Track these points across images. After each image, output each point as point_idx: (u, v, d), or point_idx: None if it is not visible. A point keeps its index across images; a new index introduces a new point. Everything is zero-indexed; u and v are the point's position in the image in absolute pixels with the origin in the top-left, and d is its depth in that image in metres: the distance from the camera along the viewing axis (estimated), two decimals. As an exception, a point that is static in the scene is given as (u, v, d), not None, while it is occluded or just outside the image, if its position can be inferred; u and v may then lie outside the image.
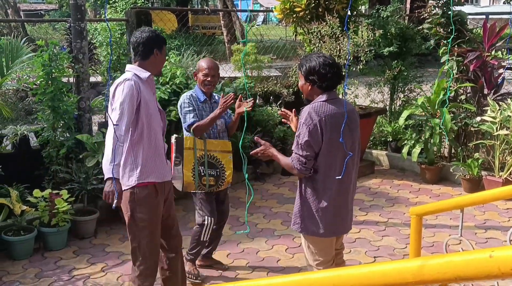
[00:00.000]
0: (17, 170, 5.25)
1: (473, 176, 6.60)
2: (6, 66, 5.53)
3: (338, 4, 7.18)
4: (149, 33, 3.42)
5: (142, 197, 3.39)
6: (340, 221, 3.39)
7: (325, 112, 3.20)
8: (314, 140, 3.18)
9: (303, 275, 1.56)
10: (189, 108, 4.25)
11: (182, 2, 24.40)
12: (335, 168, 3.26)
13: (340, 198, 3.32)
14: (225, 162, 4.30)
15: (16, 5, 23.61)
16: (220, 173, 4.29)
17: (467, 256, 1.17)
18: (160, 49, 3.45)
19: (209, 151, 4.24)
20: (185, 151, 4.15)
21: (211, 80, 4.30)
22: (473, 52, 6.74)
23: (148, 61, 3.42)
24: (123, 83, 3.29)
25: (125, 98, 3.25)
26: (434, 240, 5.26)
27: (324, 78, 3.24)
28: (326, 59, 3.28)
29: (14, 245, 4.73)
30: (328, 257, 3.44)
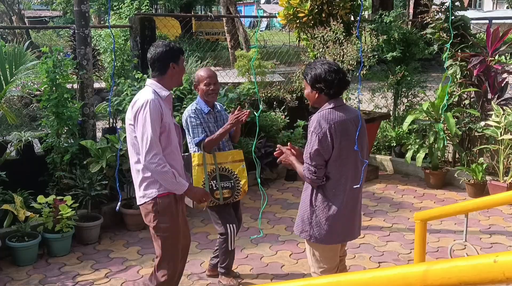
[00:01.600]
0: (21, 176, 5.26)
1: (477, 181, 6.58)
2: (11, 72, 5.55)
3: (341, 9, 7.19)
4: (163, 48, 3.39)
5: (164, 207, 3.42)
6: (348, 228, 3.38)
7: (334, 119, 3.19)
8: (324, 148, 3.17)
9: (307, 281, 1.56)
10: (197, 122, 4.17)
11: (186, 8, 24.48)
12: (346, 175, 3.25)
13: (349, 205, 3.32)
14: (238, 172, 4.26)
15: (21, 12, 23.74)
16: (234, 183, 4.24)
17: (472, 261, 1.17)
18: (177, 61, 3.43)
19: (220, 164, 4.19)
20: (194, 169, 4.14)
21: (214, 88, 4.23)
22: (476, 57, 6.73)
23: (165, 76, 3.42)
24: (148, 105, 3.27)
25: (152, 121, 3.26)
26: (439, 245, 5.24)
27: (331, 85, 3.23)
28: (331, 66, 3.28)
29: (18, 251, 4.74)
30: (333, 264, 3.44)
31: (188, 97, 6.04)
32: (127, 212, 5.44)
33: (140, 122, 3.28)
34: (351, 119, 3.26)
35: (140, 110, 3.29)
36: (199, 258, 4.95)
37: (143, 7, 8.11)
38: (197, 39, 20.99)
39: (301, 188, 7.00)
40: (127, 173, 5.28)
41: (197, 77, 4.25)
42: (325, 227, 3.28)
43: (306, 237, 3.38)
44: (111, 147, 5.36)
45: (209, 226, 5.70)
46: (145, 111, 3.27)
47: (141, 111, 3.28)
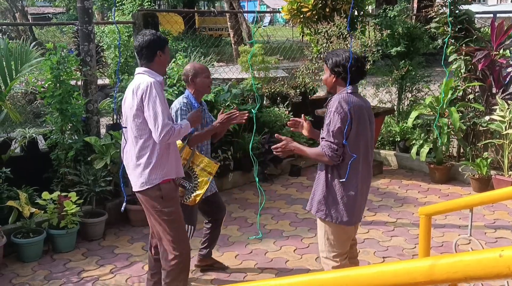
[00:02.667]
0: (26, 172, 5.28)
1: (482, 176, 6.56)
2: (15, 69, 5.56)
3: (345, 4, 7.17)
4: (150, 36, 3.50)
5: (168, 192, 3.53)
6: (361, 209, 3.55)
7: (353, 102, 3.36)
8: (345, 127, 3.33)
9: (312, 276, 1.56)
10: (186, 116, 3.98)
11: (189, 4, 24.45)
12: (360, 156, 3.40)
13: (363, 186, 3.48)
14: (201, 181, 4.04)
15: (24, 8, 23.77)
16: (191, 188, 4.03)
17: (477, 256, 1.16)
18: (163, 49, 3.54)
19: (192, 163, 4.04)
20: None
21: (211, 80, 4.25)
22: (481, 51, 6.71)
23: (153, 63, 3.52)
24: (153, 86, 3.37)
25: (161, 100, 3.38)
26: (444, 240, 5.23)
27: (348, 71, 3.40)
28: (354, 56, 3.45)
29: (24, 248, 4.75)
30: (344, 249, 3.56)
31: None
32: (132, 208, 5.44)
33: (150, 103, 3.36)
34: (366, 107, 3.47)
35: (146, 93, 3.37)
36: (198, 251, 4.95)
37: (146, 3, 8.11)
38: (200, 35, 20.96)
39: (305, 183, 7.02)
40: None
41: (194, 70, 4.14)
42: (342, 207, 3.41)
43: (322, 216, 3.48)
44: (115, 143, 5.37)
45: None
46: (152, 92, 3.36)
47: (147, 93, 3.37)
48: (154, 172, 3.47)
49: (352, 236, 3.62)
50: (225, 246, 5.12)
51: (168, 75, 6.13)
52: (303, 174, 7.36)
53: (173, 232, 3.57)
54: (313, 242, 5.13)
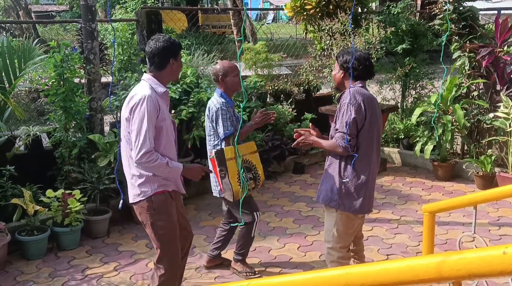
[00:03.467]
0: (30, 170, 5.29)
1: (486, 173, 6.55)
2: (19, 67, 5.57)
3: (348, 1, 7.15)
4: (163, 43, 3.32)
5: (160, 204, 3.38)
6: (371, 199, 3.67)
7: (365, 94, 3.54)
8: (360, 118, 3.48)
9: (316, 273, 1.56)
10: (227, 115, 4.15)
11: (192, 2, 24.44)
12: (372, 147, 3.56)
13: (373, 177, 3.64)
14: (256, 163, 4.33)
15: (28, 6, 23.80)
16: (255, 174, 4.31)
17: (481, 253, 1.16)
18: (176, 57, 3.38)
19: (244, 156, 4.22)
20: (228, 162, 4.10)
21: (239, 80, 4.24)
22: (485, 48, 6.68)
23: (164, 71, 3.37)
24: (145, 101, 3.21)
25: (148, 118, 3.20)
26: (447, 238, 5.22)
27: (356, 69, 3.55)
28: (361, 53, 3.64)
29: (28, 245, 4.77)
30: (349, 241, 3.74)
31: (195, 91, 6.03)
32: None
33: (136, 117, 3.22)
34: (376, 101, 3.67)
35: (137, 106, 3.22)
36: (207, 251, 4.96)
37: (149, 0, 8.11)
38: (203, 32, 20.95)
39: (309, 181, 7.02)
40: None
41: (223, 70, 4.19)
42: (354, 196, 3.55)
43: (335, 206, 3.60)
44: (119, 141, 5.36)
45: (217, 220, 5.72)
46: (142, 107, 3.20)
47: (138, 106, 3.22)
48: (147, 184, 3.34)
49: (358, 228, 3.77)
50: (229, 244, 5.11)
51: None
52: (306, 171, 7.35)
53: (163, 247, 3.45)
54: (316, 239, 5.13)
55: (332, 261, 3.70)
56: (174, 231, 3.48)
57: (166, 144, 3.36)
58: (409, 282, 1.28)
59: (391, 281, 1.32)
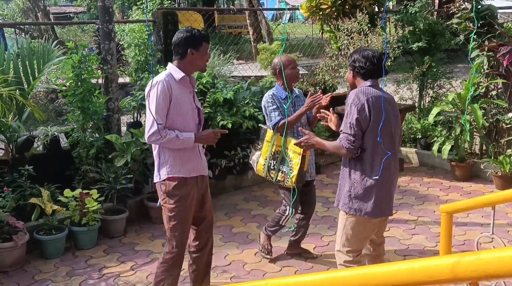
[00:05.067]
0: (48, 170, 5.34)
1: (505, 173, 6.47)
2: (38, 68, 5.63)
3: (365, 0, 7.12)
4: (183, 34, 3.53)
5: (172, 189, 3.59)
6: (386, 202, 3.52)
7: (371, 94, 3.42)
8: (363, 119, 3.37)
9: (331, 273, 1.56)
10: (273, 107, 4.43)
11: (208, 2, 24.51)
12: (381, 149, 3.40)
13: (387, 178, 3.47)
14: (294, 164, 4.36)
15: (46, 8, 24.06)
16: (287, 171, 4.39)
17: (498, 254, 1.15)
18: (196, 47, 3.53)
19: (286, 149, 4.38)
20: (265, 142, 4.47)
21: (298, 70, 4.61)
22: (505, 47, 6.60)
23: (185, 60, 3.55)
24: (156, 85, 3.45)
25: (158, 100, 3.43)
26: (465, 238, 5.17)
27: (363, 66, 3.49)
28: (370, 52, 3.55)
29: (46, 244, 4.82)
30: (360, 246, 3.60)
31: (211, 91, 6.05)
32: (152, 205, 5.48)
33: (149, 101, 3.47)
34: (388, 99, 3.51)
35: (151, 90, 3.47)
36: (223, 251, 4.97)
37: (166, 1, 8.15)
38: (219, 33, 21.00)
39: (325, 181, 7.00)
40: (152, 167, 5.31)
41: (282, 62, 4.41)
42: (364, 199, 3.44)
43: (346, 210, 3.52)
44: (136, 141, 5.41)
45: (233, 220, 5.73)
46: (152, 91, 3.45)
47: (151, 91, 3.46)
48: (162, 168, 3.58)
49: (372, 233, 3.62)
50: (244, 244, 5.13)
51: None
52: (323, 171, 7.33)
53: (172, 229, 3.65)
54: (332, 240, 5.11)
55: (339, 264, 3.65)
56: (183, 216, 3.65)
57: (183, 125, 3.55)
58: (424, 282, 1.27)
59: (405, 282, 1.31)
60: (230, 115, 6.02)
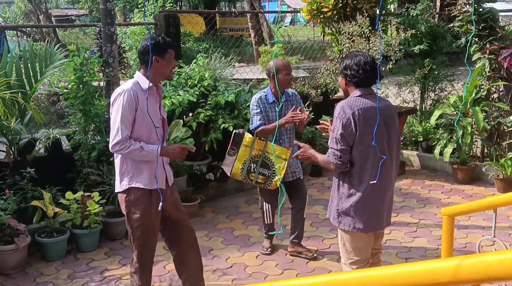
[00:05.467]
0: (50, 173, 5.35)
1: (506, 176, 6.46)
2: (40, 71, 5.64)
3: (366, 3, 7.12)
4: (146, 41, 3.48)
5: (135, 199, 3.54)
6: (378, 216, 3.39)
7: (358, 106, 3.26)
8: (348, 133, 3.25)
9: (334, 275, 1.56)
10: (257, 111, 4.58)
11: (210, 5, 24.55)
12: (371, 161, 3.27)
13: (376, 192, 3.33)
14: (278, 167, 4.49)
15: (48, 11, 24.10)
16: (270, 175, 4.54)
17: (500, 256, 1.15)
18: (161, 55, 3.47)
19: (266, 153, 4.50)
20: (242, 147, 4.53)
21: (292, 77, 4.69)
22: (506, 49, 6.60)
23: (150, 68, 3.48)
24: (122, 94, 3.42)
25: (123, 110, 3.40)
26: (467, 241, 5.17)
27: (356, 74, 3.32)
28: (363, 57, 3.36)
29: (48, 247, 4.82)
30: (363, 256, 3.45)
31: (213, 94, 6.05)
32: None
33: (113, 110, 3.46)
34: (383, 107, 3.32)
35: (116, 99, 3.45)
36: (225, 253, 4.97)
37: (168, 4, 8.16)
38: (221, 36, 21.02)
39: (326, 184, 6.99)
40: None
41: (277, 66, 4.49)
42: (353, 214, 3.34)
43: (337, 224, 3.44)
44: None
45: (234, 222, 5.73)
46: (118, 100, 3.43)
47: (117, 99, 3.45)
48: (124, 177, 3.53)
49: (370, 243, 3.49)
50: (246, 246, 5.13)
51: (189, 76, 6.16)
52: (324, 174, 7.33)
53: (136, 240, 3.62)
54: (334, 242, 5.11)
55: None
56: (148, 227, 3.60)
57: (148, 137, 3.50)
58: (426, 285, 1.27)
59: (409, 284, 1.31)
60: (232, 117, 6.02)
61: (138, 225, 3.56)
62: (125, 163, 3.52)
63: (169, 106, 5.64)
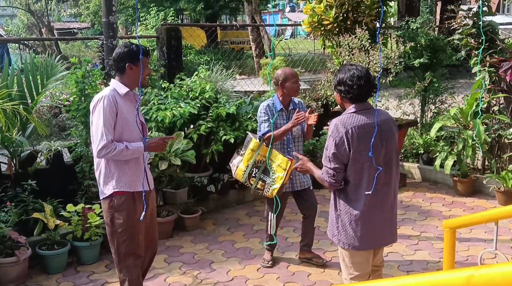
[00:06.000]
0: (51, 185, 5.35)
1: (507, 188, 6.46)
2: (42, 83, 5.66)
3: (366, 17, 7.16)
4: (120, 49, 3.60)
5: (119, 204, 3.58)
6: (375, 233, 3.34)
7: (352, 123, 3.20)
8: (341, 152, 3.20)
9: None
10: (265, 118, 4.63)
11: (211, 18, 24.68)
12: (366, 179, 3.23)
13: (374, 209, 3.29)
14: (277, 177, 4.47)
15: (50, 24, 24.22)
16: (270, 182, 4.52)
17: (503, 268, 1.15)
18: (134, 62, 3.56)
19: (270, 160, 4.49)
20: (248, 150, 4.59)
21: (299, 85, 4.76)
22: (507, 62, 6.62)
23: (124, 75, 3.62)
24: (101, 100, 3.49)
25: (105, 114, 3.46)
26: (469, 254, 5.15)
27: (350, 89, 3.26)
28: (356, 71, 3.28)
29: (48, 259, 4.81)
30: (363, 271, 3.41)
31: (214, 106, 6.07)
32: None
33: (94, 116, 3.52)
34: (376, 123, 3.21)
35: (96, 105, 3.52)
36: (225, 266, 4.96)
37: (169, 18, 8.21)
38: (222, 48, 21.11)
39: (328, 196, 6.98)
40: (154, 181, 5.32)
41: (284, 75, 4.65)
42: (351, 232, 3.30)
43: (336, 241, 3.42)
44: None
45: (235, 234, 5.72)
46: (99, 106, 3.49)
47: (96, 106, 3.52)
48: (108, 183, 3.57)
49: (369, 258, 3.43)
50: (247, 259, 5.11)
51: (190, 88, 6.18)
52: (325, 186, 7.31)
53: (120, 247, 3.64)
54: (335, 255, 5.10)
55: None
56: (134, 229, 3.62)
57: (130, 140, 3.56)
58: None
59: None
60: (233, 129, 6.03)
61: (122, 230, 3.60)
62: (108, 167, 3.57)
63: (170, 118, 5.66)
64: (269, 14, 34.09)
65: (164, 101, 6.00)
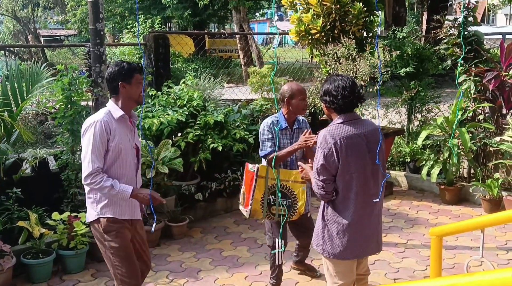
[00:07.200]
0: (36, 193, 5.30)
1: (493, 197, 6.51)
2: (27, 90, 5.63)
3: (354, 26, 7.21)
4: (112, 68, 3.44)
5: (107, 226, 3.46)
6: (361, 243, 3.35)
7: (340, 134, 3.21)
8: (330, 164, 3.20)
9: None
10: (268, 136, 4.22)
11: (199, 26, 24.71)
12: (355, 189, 3.25)
13: (362, 219, 3.30)
14: (297, 193, 4.18)
15: (37, 31, 24.11)
16: (292, 203, 4.17)
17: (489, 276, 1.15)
18: (127, 80, 3.43)
19: (282, 181, 4.13)
20: (258, 179, 4.10)
21: (306, 103, 4.32)
22: (491, 72, 6.70)
23: (119, 95, 3.45)
24: (93, 124, 3.35)
25: (95, 141, 3.32)
26: (455, 262, 5.17)
27: (335, 99, 3.27)
28: (341, 82, 3.29)
29: (33, 268, 4.75)
30: (346, 280, 3.42)
31: (202, 114, 6.06)
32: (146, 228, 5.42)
33: (84, 141, 3.37)
34: (363, 134, 3.25)
35: (87, 130, 3.37)
36: (213, 274, 4.94)
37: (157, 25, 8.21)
38: (210, 56, 21.13)
39: (316, 204, 6.98)
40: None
41: (291, 91, 4.20)
42: (337, 242, 3.31)
43: (320, 251, 3.42)
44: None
45: (223, 243, 5.70)
46: (89, 131, 3.35)
47: (87, 131, 3.37)
48: (94, 207, 3.46)
49: (353, 267, 3.44)
50: (234, 267, 5.09)
51: (178, 96, 6.17)
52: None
53: (116, 269, 3.50)
54: (323, 263, 5.09)
55: None
56: (126, 249, 3.50)
57: (120, 165, 3.44)
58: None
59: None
60: (221, 137, 6.02)
61: (114, 252, 3.47)
62: (95, 192, 3.44)
63: (157, 125, 5.64)
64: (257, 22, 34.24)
65: (152, 108, 5.98)
